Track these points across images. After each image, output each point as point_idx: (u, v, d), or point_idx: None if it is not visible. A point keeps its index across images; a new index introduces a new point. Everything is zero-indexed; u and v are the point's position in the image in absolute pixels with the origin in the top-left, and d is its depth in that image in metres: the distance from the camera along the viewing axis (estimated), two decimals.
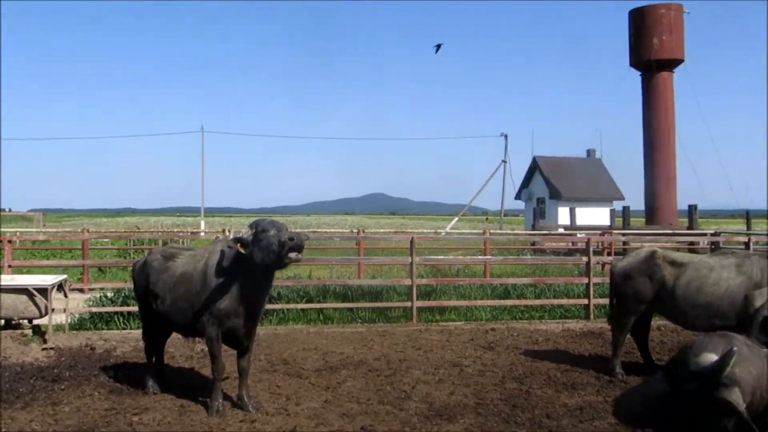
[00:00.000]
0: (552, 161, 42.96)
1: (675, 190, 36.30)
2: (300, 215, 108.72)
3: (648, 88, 36.04)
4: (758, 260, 7.41)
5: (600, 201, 40.29)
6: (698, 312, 7.42)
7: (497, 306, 12.74)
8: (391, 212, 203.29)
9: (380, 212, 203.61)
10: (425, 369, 8.37)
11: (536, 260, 16.79)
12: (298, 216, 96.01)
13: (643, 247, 8.53)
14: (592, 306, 12.40)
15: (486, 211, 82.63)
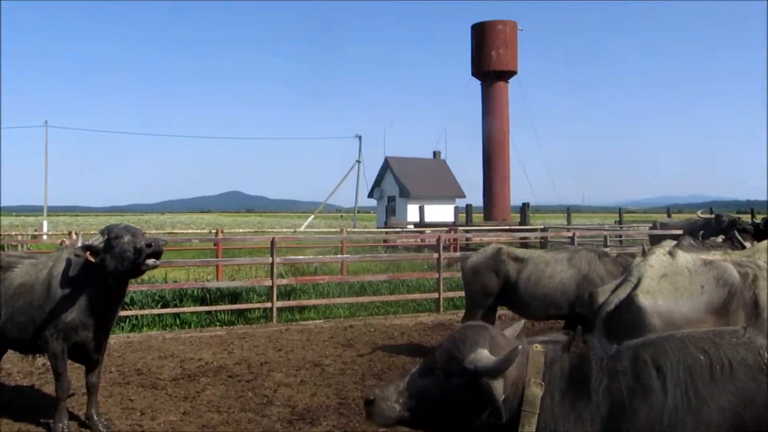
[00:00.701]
0: (402, 161, 44.45)
1: (509, 189, 39.24)
2: (154, 214, 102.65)
3: (487, 96, 38.65)
4: (586, 254, 8.30)
5: (445, 199, 42.33)
6: (537, 303, 8.16)
7: (354, 303, 13.02)
8: (247, 210, 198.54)
9: (236, 210, 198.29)
10: (287, 371, 8.40)
11: (392, 257, 17.34)
12: (152, 215, 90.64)
13: (482, 242, 9.19)
14: (442, 299, 13.10)
15: (340, 209, 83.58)
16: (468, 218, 29.84)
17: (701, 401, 2.34)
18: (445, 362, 2.69)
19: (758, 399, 2.30)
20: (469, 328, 2.80)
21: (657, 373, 2.43)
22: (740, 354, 2.40)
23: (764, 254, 4.61)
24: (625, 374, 2.50)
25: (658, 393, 2.40)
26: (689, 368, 2.41)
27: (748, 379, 2.34)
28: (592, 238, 20.36)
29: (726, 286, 4.29)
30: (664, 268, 4.45)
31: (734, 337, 2.48)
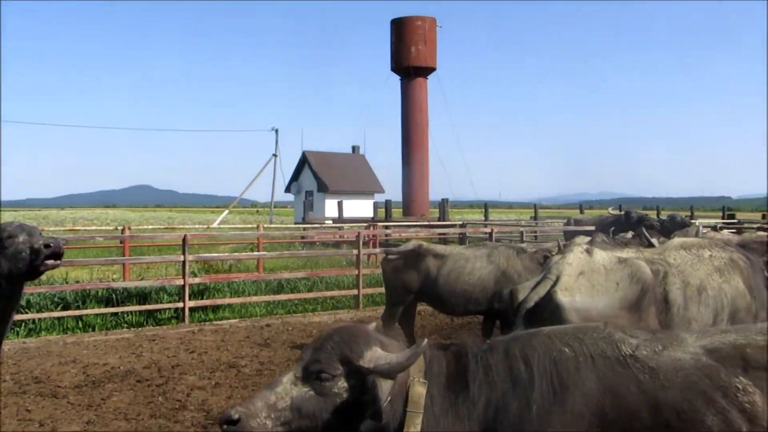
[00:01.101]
0: (320, 156, 44.05)
1: (428, 185, 39.74)
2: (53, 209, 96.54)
3: (406, 92, 38.93)
4: (504, 250, 8.42)
5: (363, 194, 42.34)
6: (457, 299, 8.20)
7: (271, 301, 12.73)
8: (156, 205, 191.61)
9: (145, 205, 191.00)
10: (200, 373, 8.07)
11: (310, 254, 17.08)
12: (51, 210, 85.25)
13: (401, 238, 9.16)
14: (362, 296, 13.02)
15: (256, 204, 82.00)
16: (387, 214, 29.93)
17: (566, 391, 2.46)
18: (335, 364, 2.50)
19: (617, 388, 2.45)
20: (351, 327, 2.67)
21: (525, 367, 2.53)
22: (600, 347, 2.55)
23: (673, 252, 4.77)
24: (497, 368, 2.57)
25: (526, 386, 2.49)
26: (555, 361, 2.53)
27: (608, 370, 2.49)
28: (509, 233, 20.85)
29: (639, 282, 4.40)
30: (581, 266, 4.51)
31: (595, 332, 2.63)
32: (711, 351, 2.53)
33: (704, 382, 2.44)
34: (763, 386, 2.41)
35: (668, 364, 2.50)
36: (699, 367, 2.48)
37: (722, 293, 4.46)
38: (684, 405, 2.40)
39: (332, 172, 42.22)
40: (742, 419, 2.37)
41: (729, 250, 4.74)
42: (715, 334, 2.64)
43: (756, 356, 2.48)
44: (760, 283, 4.64)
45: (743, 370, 2.46)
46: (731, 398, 2.40)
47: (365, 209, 37.69)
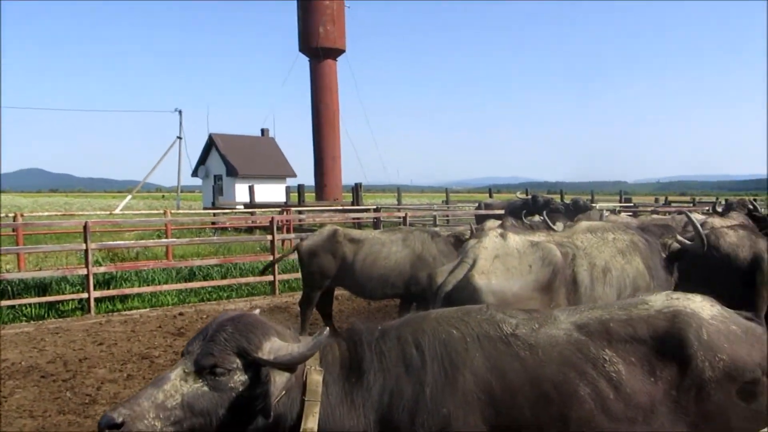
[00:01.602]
0: (229, 139, 42.92)
1: (340, 168, 39.64)
2: None
3: (315, 74, 38.45)
4: (420, 234, 8.60)
5: (275, 178, 41.73)
6: (374, 283, 8.31)
7: (183, 289, 12.39)
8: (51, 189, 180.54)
9: (38, 190, 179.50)
10: (111, 366, 7.80)
11: (223, 240, 16.69)
12: None
13: (315, 223, 9.17)
14: (278, 282, 12.91)
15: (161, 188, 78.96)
16: (300, 198, 29.68)
17: (456, 371, 2.58)
18: (230, 357, 2.39)
19: (502, 365, 2.60)
20: (245, 316, 2.55)
21: (417, 351, 2.62)
22: (484, 328, 2.70)
23: (581, 235, 5.05)
24: (390, 354, 2.63)
25: (419, 369, 2.59)
26: (444, 343, 2.64)
27: (493, 349, 2.64)
28: (422, 217, 21.24)
29: (550, 265, 4.64)
30: (496, 250, 4.70)
31: (479, 314, 2.79)
32: (580, 327, 2.76)
33: (576, 356, 2.65)
34: (625, 356, 2.66)
35: (545, 340, 2.69)
36: (571, 342, 2.70)
37: (625, 274, 4.78)
38: (560, 377, 2.60)
39: (241, 155, 41.29)
40: (610, 387, 2.60)
41: (630, 233, 5.08)
42: (584, 311, 2.87)
43: (618, 330, 2.73)
44: (657, 264, 5.01)
45: (608, 343, 2.70)
46: (600, 369, 2.63)
47: (277, 194, 37.20)
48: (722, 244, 5.95)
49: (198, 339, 2.49)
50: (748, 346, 2.77)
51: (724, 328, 2.79)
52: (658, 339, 2.71)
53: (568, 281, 4.69)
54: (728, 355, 2.70)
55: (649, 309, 2.83)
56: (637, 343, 2.70)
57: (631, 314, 2.80)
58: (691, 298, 2.94)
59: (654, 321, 2.76)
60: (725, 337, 2.74)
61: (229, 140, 42.61)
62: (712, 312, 2.84)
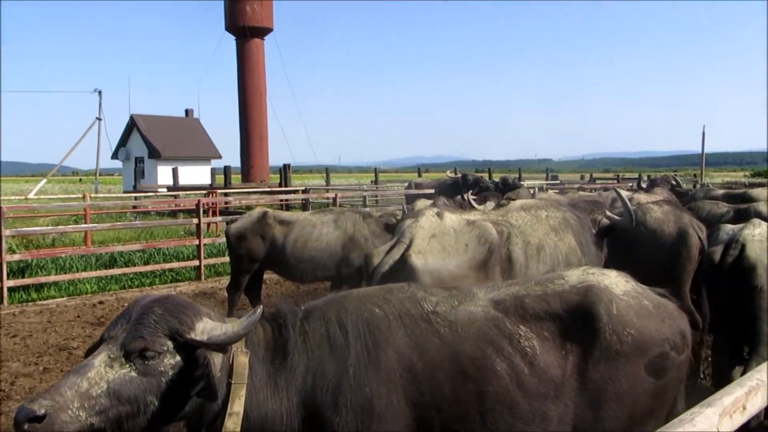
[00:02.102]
0: (151, 120, 41.29)
1: (267, 149, 38.94)
2: None
3: (242, 53, 37.47)
4: (351, 215, 8.47)
5: (199, 160, 40.57)
6: (305, 266, 8.14)
7: (104, 276, 11.82)
8: None
9: None
10: (25, 359, 7.34)
11: (145, 224, 16.04)
12: None
13: (241, 205, 8.90)
14: (203, 267, 12.52)
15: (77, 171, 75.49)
16: (226, 180, 28.95)
17: (379, 349, 2.58)
18: (161, 339, 2.28)
19: (423, 342, 2.61)
20: (172, 297, 2.46)
21: (340, 330, 2.61)
22: (406, 306, 2.71)
23: (515, 213, 5.06)
24: (314, 335, 2.61)
25: (343, 349, 2.57)
26: (367, 321, 2.64)
27: (414, 327, 2.65)
28: (352, 198, 21.10)
29: (486, 243, 4.62)
30: (433, 229, 4.64)
31: (401, 292, 2.80)
32: (497, 303, 2.78)
33: (493, 332, 2.68)
34: (539, 331, 2.71)
35: (464, 317, 2.71)
36: (489, 318, 2.72)
37: (557, 251, 4.82)
38: (478, 353, 2.62)
39: (164, 137, 39.83)
40: (524, 362, 2.64)
41: (562, 210, 5.12)
42: (502, 288, 2.90)
43: (533, 305, 2.77)
44: (588, 240, 5.08)
45: (523, 318, 2.74)
46: (515, 344, 2.67)
47: (202, 176, 36.17)
48: (648, 219, 6.12)
49: (121, 322, 2.34)
50: (658, 321, 2.84)
51: (636, 303, 2.84)
52: (570, 313, 2.76)
53: (503, 259, 4.68)
54: (637, 329, 2.75)
55: (564, 284, 2.88)
56: (550, 318, 2.75)
57: (547, 290, 2.85)
58: (606, 273, 2.99)
59: (567, 296, 2.81)
60: (635, 312, 2.80)
61: (151, 121, 41.02)
62: (625, 287, 2.90)
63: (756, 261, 4.78)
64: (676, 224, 6.10)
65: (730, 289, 4.91)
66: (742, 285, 4.80)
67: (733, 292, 4.90)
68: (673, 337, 2.84)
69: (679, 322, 2.93)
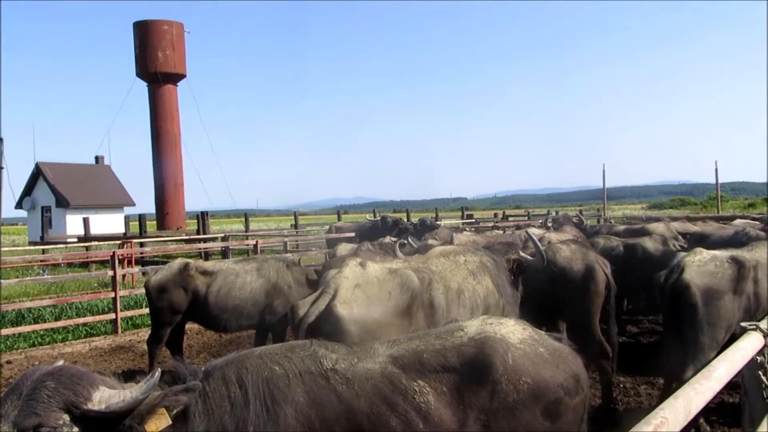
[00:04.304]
0: (58, 168, 39.65)
1: (183, 195, 38.20)
2: None
3: (154, 99, 36.96)
4: (275, 263, 8.49)
5: (112, 208, 39.21)
6: (229, 315, 8.06)
7: (11, 334, 11.18)
8: None
9: None
10: None
11: (57, 278, 15.28)
12: None
13: (158, 254, 8.75)
14: (120, 320, 12.07)
15: None
16: (141, 228, 28.06)
17: (278, 407, 2.62)
18: (56, 414, 2.22)
19: (320, 400, 2.66)
20: (64, 368, 2.40)
21: (240, 389, 2.63)
22: (306, 364, 2.76)
23: (435, 260, 5.28)
24: (214, 395, 2.62)
25: (243, 408, 2.59)
26: (267, 380, 2.67)
27: (313, 384, 2.69)
28: (272, 244, 20.94)
29: (408, 291, 4.79)
30: (356, 279, 4.77)
31: (302, 350, 2.86)
32: (396, 359, 2.87)
33: (388, 388, 2.76)
34: (436, 386, 2.80)
35: (361, 374, 2.78)
36: (384, 374, 2.80)
37: (476, 294, 5.06)
38: (373, 410, 2.70)
39: (73, 184, 38.31)
40: (419, 418, 2.73)
41: (479, 254, 5.39)
42: (402, 342, 2.99)
43: (430, 360, 2.87)
44: (504, 281, 5.36)
45: (420, 374, 2.82)
46: (410, 400, 2.75)
47: (115, 224, 34.90)
48: (558, 258, 6.52)
49: (11, 399, 2.25)
50: (553, 367, 2.96)
51: (531, 351, 2.96)
52: (467, 366, 2.84)
53: (425, 305, 4.86)
54: (532, 377, 2.87)
55: (463, 336, 2.97)
56: (447, 372, 2.82)
57: (445, 343, 2.93)
58: (504, 322, 3.11)
59: (464, 349, 2.89)
60: (530, 361, 2.91)
61: (59, 169, 39.40)
62: (521, 335, 3.01)
63: (690, 282, 5.48)
64: (583, 261, 6.54)
65: (671, 305, 5.61)
66: (679, 302, 5.51)
67: (673, 308, 5.60)
68: (566, 382, 2.96)
69: (573, 367, 3.05)
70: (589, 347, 6.14)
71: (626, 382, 7.44)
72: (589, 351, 6.02)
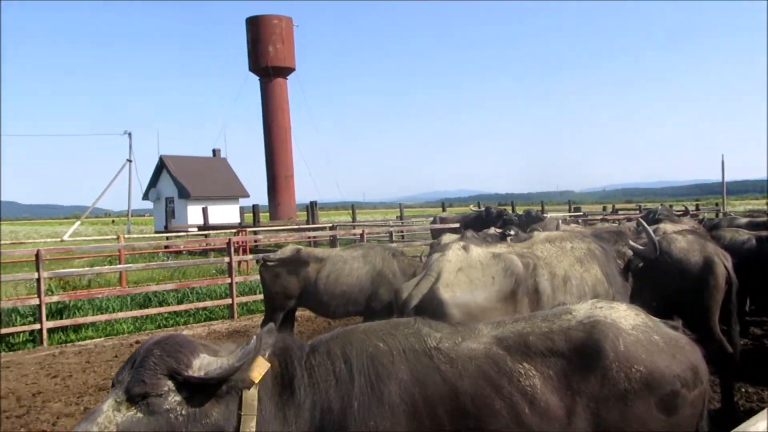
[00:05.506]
0: (180, 160, 42.27)
1: (293, 187, 39.52)
2: None
3: (266, 93, 38.41)
4: (380, 251, 8.62)
5: (228, 199, 41.27)
6: (337, 301, 8.28)
7: (140, 316, 12.10)
8: None
9: None
10: (66, 399, 7.56)
11: (179, 264, 16.38)
12: None
13: (270, 243, 9.09)
14: (236, 305, 12.73)
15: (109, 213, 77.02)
16: (255, 219, 29.40)
17: (382, 383, 2.62)
18: (161, 381, 2.38)
19: (424, 378, 2.65)
20: (172, 337, 2.54)
21: (345, 365, 2.67)
22: (410, 341, 2.76)
23: (540, 245, 5.17)
24: (320, 369, 2.67)
25: (347, 383, 2.63)
26: (371, 356, 2.69)
27: (416, 361, 2.69)
28: (378, 234, 21.28)
29: (513, 275, 4.73)
30: (459, 262, 4.77)
31: (406, 327, 2.85)
32: (501, 340, 2.81)
33: (493, 370, 2.70)
34: (543, 369, 2.71)
35: (465, 354, 2.74)
36: (489, 355, 2.75)
37: (584, 282, 4.90)
38: (477, 391, 2.65)
39: (193, 177, 40.69)
40: (525, 402, 2.65)
41: (587, 241, 5.22)
42: (507, 324, 2.92)
43: (537, 343, 2.78)
44: (614, 271, 5.15)
45: (526, 356, 2.75)
46: (515, 383, 2.68)
47: (231, 215, 36.76)
48: (674, 249, 6.13)
49: (127, 367, 2.47)
50: (668, 357, 2.79)
51: (645, 338, 2.80)
52: (575, 351, 2.74)
53: (530, 291, 4.78)
54: (645, 366, 2.72)
55: (571, 320, 2.87)
56: (554, 356, 2.74)
57: (552, 326, 2.85)
58: (615, 306, 2.96)
59: (572, 333, 2.80)
60: (644, 348, 2.76)
61: (180, 162, 41.97)
62: (634, 321, 2.86)
63: None
64: (701, 253, 6.09)
65: None
66: None
67: None
68: (684, 374, 2.80)
69: (691, 357, 2.88)
70: (707, 346, 5.75)
71: (748, 386, 6.92)
72: (707, 350, 5.64)
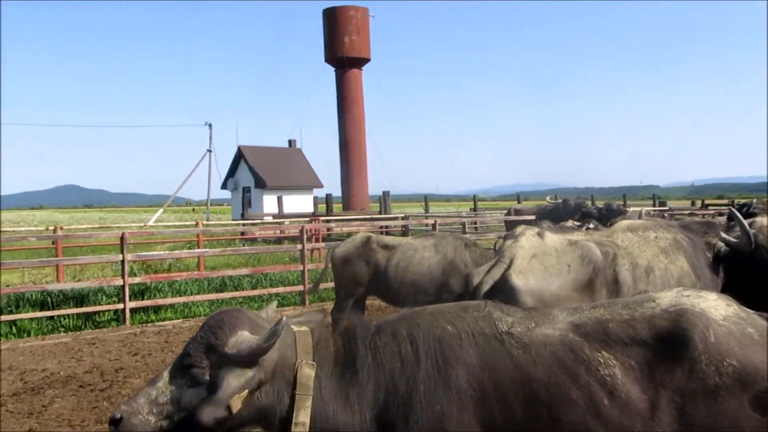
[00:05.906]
0: (257, 151, 43.30)
1: (367, 178, 39.72)
2: None
3: (341, 84, 38.69)
4: (452, 240, 8.49)
5: (302, 189, 41.95)
6: (407, 289, 8.21)
7: (215, 299, 12.44)
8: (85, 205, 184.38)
9: (73, 206, 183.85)
10: (146, 376, 7.84)
11: (253, 250, 16.78)
12: None
13: (343, 232, 9.10)
14: (307, 292, 12.87)
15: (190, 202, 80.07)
16: (328, 208, 29.79)
17: (449, 367, 2.52)
18: (202, 355, 2.47)
19: (494, 363, 2.54)
20: (224, 312, 2.61)
21: (411, 346, 2.58)
22: (480, 325, 2.64)
23: (621, 234, 4.92)
24: (385, 350, 2.60)
25: (413, 365, 2.54)
26: (439, 339, 2.58)
27: (486, 346, 2.58)
28: (451, 225, 21.10)
29: (590, 264, 4.52)
30: (533, 249, 4.60)
31: (476, 310, 2.72)
32: (577, 327, 2.63)
33: (569, 357, 2.54)
34: (623, 359, 2.52)
35: (539, 340, 2.59)
36: (565, 342, 2.58)
37: (669, 274, 4.63)
38: (551, 379, 2.50)
39: (269, 167, 41.58)
40: (603, 392, 2.47)
41: (673, 231, 4.92)
42: (585, 311, 2.73)
43: (617, 330, 2.58)
44: (703, 263, 4.84)
45: (605, 345, 2.56)
46: (593, 372, 2.50)
47: (305, 204, 37.36)
48: None
49: (191, 339, 2.59)
50: (763, 351, 2.55)
51: (738, 330, 2.57)
52: (659, 341, 2.55)
53: (609, 281, 4.56)
54: (738, 360, 2.49)
55: (655, 308, 2.66)
56: (636, 345, 2.56)
57: (634, 314, 2.66)
58: (704, 295, 2.73)
59: (656, 321, 2.60)
60: (737, 341, 2.53)
61: (257, 152, 42.97)
62: (725, 312, 2.63)
63: None
64: None
65: None
66: None
67: None
68: None
69: None
70: None
71: None
72: None
